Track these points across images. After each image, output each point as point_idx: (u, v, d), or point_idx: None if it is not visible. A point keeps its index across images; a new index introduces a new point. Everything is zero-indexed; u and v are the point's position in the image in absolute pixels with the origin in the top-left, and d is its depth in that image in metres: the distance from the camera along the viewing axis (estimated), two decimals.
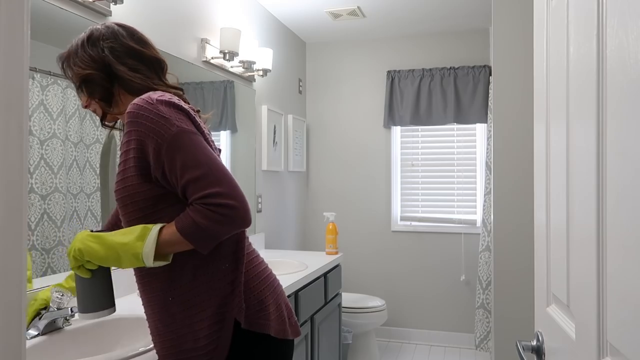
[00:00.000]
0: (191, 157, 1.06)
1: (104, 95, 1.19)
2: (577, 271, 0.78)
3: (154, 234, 1.06)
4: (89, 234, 1.09)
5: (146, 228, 1.08)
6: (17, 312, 0.48)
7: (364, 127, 4.08)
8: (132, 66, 1.19)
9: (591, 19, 0.72)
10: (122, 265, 1.08)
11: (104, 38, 1.18)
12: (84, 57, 1.18)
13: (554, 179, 0.93)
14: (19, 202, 0.48)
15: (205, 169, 1.06)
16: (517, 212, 2.56)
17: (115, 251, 1.06)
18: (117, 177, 1.15)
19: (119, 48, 1.18)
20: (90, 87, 1.19)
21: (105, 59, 1.17)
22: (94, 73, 1.17)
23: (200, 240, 1.06)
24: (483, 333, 3.36)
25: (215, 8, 2.69)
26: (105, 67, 1.17)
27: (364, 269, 4.07)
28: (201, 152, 1.07)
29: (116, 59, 1.17)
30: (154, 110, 1.08)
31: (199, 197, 1.05)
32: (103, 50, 1.17)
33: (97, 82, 1.18)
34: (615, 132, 0.63)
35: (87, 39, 1.19)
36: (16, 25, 0.48)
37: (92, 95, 1.20)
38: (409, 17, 3.57)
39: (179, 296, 1.13)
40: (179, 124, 1.08)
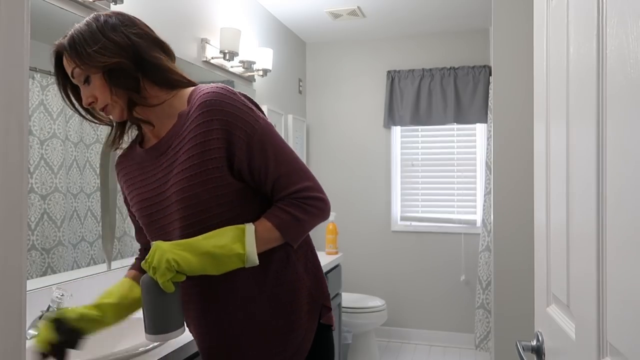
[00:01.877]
0: (281, 152, 1.06)
1: (133, 84, 1.05)
2: (577, 271, 0.78)
3: (252, 231, 1.02)
4: (174, 243, 1.00)
5: (238, 228, 1.02)
6: (17, 312, 0.48)
7: (364, 127, 4.08)
8: (161, 55, 1.10)
9: (591, 19, 0.72)
10: (219, 271, 1.01)
11: (124, 24, 1.06)
12: (108, 44, 1.03)
13: (554, 179, 0.93)
14: (19, 202, 0.48)
15: (294, 164, 1.07)
16: (517, 212, 2.56)
17: (213, 257, 0.99)
18: (187, 173, 1.03)
19: (145, 35, 1.08)
20: (116, 78, 1.04)
21: (134, 46, 1.04)
22: (123, 61, 1.03)
23: (296, 234, 1.07)
24: (483, 333, 3.36)
25: (215, 8, 2.69)
26: (133, 56, 1.05)
27: (364, 269, 4.07)
28: (287, 147, 1.08)
29: (147, 47, 1.07)
30: (238, 100, 1.04)
31: (292, 191, 1.06)
32: (129, 37, 1.05)
33: (125, 71, 1.04)
34: (615, 132, 0.63)
35: (104, 25, 1.04)
36: (16, 25, 0.48)
37: (118, 87, 1.05)
38: (409, 17, 3.57)
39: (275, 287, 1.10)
40: (263, 117, 1.08)
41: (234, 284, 1.09)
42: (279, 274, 1.10)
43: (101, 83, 1.05)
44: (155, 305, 1.01)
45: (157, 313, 1.00)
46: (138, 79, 1.06)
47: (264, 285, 1.09)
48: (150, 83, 1.08)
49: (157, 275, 0.98)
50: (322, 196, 1.08)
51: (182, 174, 1.04)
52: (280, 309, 1.09)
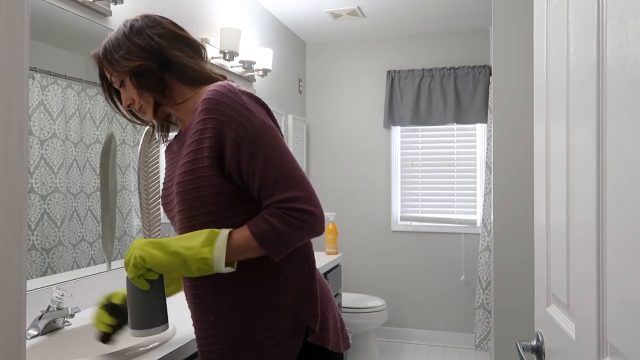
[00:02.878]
0: (272, 155, 1.00)
1: (158, 86, 1.10)
2: (577, 271, 0.78)
3: (224, 237, 0.99)
4: (148, 240, 1.01)
5: (213, 232, 1.00)
6: (17, 312, 0.48)
7: (364, 127, 4.08)
8: (188, 53, 1.12)
9: (591, 19, 0.72)
10: (187, 273, 1.00)
11: (149, 26, 1.10)
12: (132, 48, 1.08)
13: (554, 179, 0.93)
14: (19, 202, 0.48)
15: (286, 169, 1.00)
16: (517, 212, 2.56)
17: (181, 257, 0.98)
18: (182, 169, 1.05)
19: (168, 34, 1.11)
20: (142, 80, 1.09)
21: (157, 46, 1.08)
22: (146, 64, 1.08)
23: (276, 247, 1.00)
24: (483, 333, 3.36)
25: (215, 8, 2.69)
26: (157, 57, 1.08)
27: (364, 269, 4.07)
28: (282, 152, 1.02)
29: (170, 45, 1.09)
30: (237, 100, 1.02)
31: (278, 200, 0.99)
32: (152, 38, 1.09)
33: (151, 73, 1.09)
34: (615, 132, 0.63)
35: (129, 30, 1.10)
36: (16, 25, 0.48)
37: (144, 88, 1.10)
38: (409, 17, 3.57)
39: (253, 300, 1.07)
40: (261, 118, 1.03)
41: (216, 288, 1.08)
42: (263, 286, 1.06)
43: (131, 86, 1.11)
44: (134, 301, 1.03)
45: (135, 309, 1.03)
46: (163, 80, 1.10)
47: (245, 294, 1.06)
48: (176, 81, 1.11)
49: (127, 270, 1.01)
50: (312, 209, 1.00)
51: (180, 169, 1.06)
52: (256, 321, 1.06)
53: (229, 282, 1.07)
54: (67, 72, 1.67)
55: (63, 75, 1.65)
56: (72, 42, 1.70)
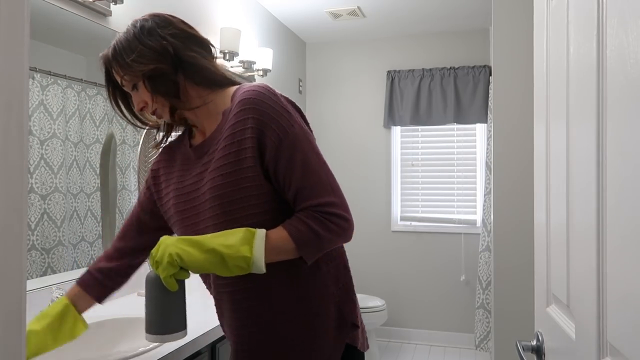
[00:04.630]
0: (310, 160, 1.00)
1: (172, 89, 1.06)
2: (577, 271, 0.78)
3: (262, 236, 0.96)
4: (180, 238, 0.97)
5: (249, 231, 0.97)
6: (17, 312, 0.48)
7: (364, 127, 4.08)
8: (199, 53, 1.08)
9: (591, 19, 0.72)
10: (224, 271, 0.96)
11: (160, 26, 1.06)
12: (144, 50, 1.03)
13: (554, 179, 0.93)
14: (19, 202, 0.48)
15: (322, 175, 1.00)
16: (517, 212, 2.56)
17: (218, 255, 0.94)
18: (221, 171, 1.02)
19: (180, 34, 1.07)
20: (155, 83, 1.05)
21: (170, 47, 1.04)
22: (160, 67, 1.04)
23: (312, 249, 0.99)
24: (483, 333, 3.36)
25: (215, 8, 2.69)
26: (170, 58, 1.04)
27: (364, 269, 4.07)
28: (319, 157, 1.02)
29: (183, 46, 1.05)
30: (277, 102, 1.01)
31: (315, 204, 0.99)
32: (165, 38, 1.04)
33: (165, 76, 1.05)
34: (615, 132, 0.63)
35: (140, 30, 1.05)
36: (16, 25, 0.48)
37: (157, 92, 1.06)
38: (409, 17, 3.57)
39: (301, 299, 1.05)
40: (300, 123, 1.02)
41: (265, 290, 1.05)
42: (305, 289, 1.05)
43: (144, 90, 1.07)
44: (157, 304, 0.97)
45: (158, 313, 0.97)
46: (177, 83, 1.06)
47: (292, 296, 1.05)
48: (191, 83, 1.07)
49: (159, 270, 0.95)
50: (347, 215, 1.00)
51: (217, 171, 1.02)
52: (304, 323, 1.05)
53: (279, 281, 1.05)
54: (67, 72, 1.67)
55: (63, 75, 1.65)
56: (72, 42, 1.70)
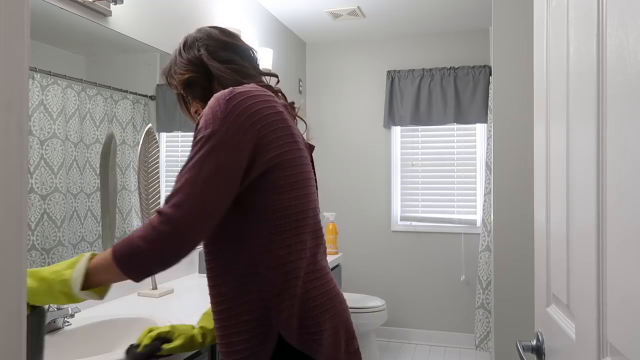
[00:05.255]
0: (193, 164, 0.96)
1: (204, 95, 1.17)
2: (577, 271, 0.78)
3: (86, 258, 0.95)
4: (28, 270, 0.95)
5: (82, 255, 0.97)
6: (17, 312, 0.48)
7: (364, 127, 4.08)
8: (225, 58, 1.17)
9: (591, 19, 0.72)
10: (54, 300, 0.94)
11: (198, 39, 1.19)
12: (182, 62, 1.19)
13: (554, 179, 0.93)
14: (19, 202, 0.48)
15: (188, 179, 0.94)
16: (517, 212, 2.56)
17: (46, 282, 0.94)
18: None
19: (213, 44, 1.19)
20: (191, 90, 1.19)
21: (201, 57, 1.16)
22: (193, 75, 1.17)
23: (131, 265, 0.93)
24: (483, 333, 3.36)
25: (215, 8, 2.69)
26: (203, 67, 1.17)
27: (364, 269, 4.07)
28: (206, 166, 0.95)
29: (210, 54, 1.17)
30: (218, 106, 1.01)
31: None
32: (199, 49, 1.18)
33: (198, 84, 1.18)
34: (615, 132, 0.63)
35: (183, 45, 1.21)
36: (16, 25, 0.48)
37: (195, 98, 1.19)
38: (409, 17, 3.57)
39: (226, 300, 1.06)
40: (222, 131, 0.97)
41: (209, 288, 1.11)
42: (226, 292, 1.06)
43: (189, 97, 1.21)
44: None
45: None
46: (209, 88, 1.17)
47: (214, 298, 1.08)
48: (220, 88, 1.14)
49: None
50: (171, 212, 0.91)
51: None
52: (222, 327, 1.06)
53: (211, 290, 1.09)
54: (67, 72, 1.67)
55: (63, 75, 1.65)
56: (72, 42, 1.70)
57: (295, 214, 1.05)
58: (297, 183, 1.06)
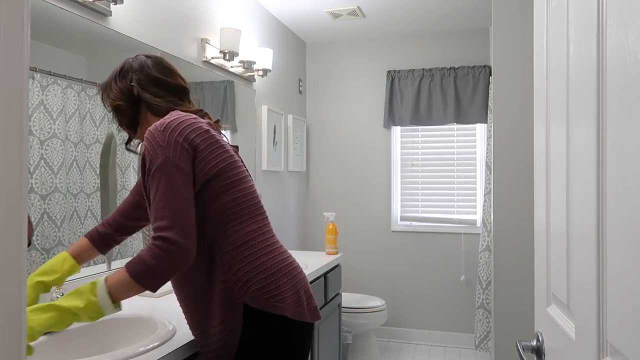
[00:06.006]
0: (161, 187, 1.15)
1: (130, 122, 1.34)
2: (577, 271, 0.78)
3: (102, 284, 1.11)
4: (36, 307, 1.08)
5: (96, 281, 1.12)
6: (17, 312, 0.48)
7: (364, 127, 4.08)
8: (156, 93, 1.32)
9: (591, 19, 0.72)
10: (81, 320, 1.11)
11: (132, 70, 1.33)
12: (115, 89, 1.33)
13: (554, 179, 0.93)
14: (19, 202, 0.48)
15: (165, 201, 1.14)
16: (517, 212, 2.56)
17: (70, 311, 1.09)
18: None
19: (144, 78, 1.32)
20: (119, 116, 1.34)
21: (132, 89, 1.31)
22: (121, 104, 1.32)
23: (147, 279, 1.12)
24: (483, 333, 3.36)
25: (215, 8, 2.69)
26: (131, 97, 1.32)
27: (364, 269, 4.07)
28: (171, 185, 1.15)
29: (142, 88, 1.32)
30: (158, 137, 1.19)
31: (154, 228, 1.15)
32: (131, 80, 1.32)
33: (124, 112, 1.33)
34: (615, 132, 0.63)
35: (119, 71, 1.35)
36: (16, 25, 0.48)
37: (121, 124, 1.36)
38: (409, 17, 3.57)
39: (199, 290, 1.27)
40: (170, 155, 1.17)
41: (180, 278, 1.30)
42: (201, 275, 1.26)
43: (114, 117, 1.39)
44: None
45: None
46: (135, 117, 1.34)
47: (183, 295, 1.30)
48: (151, 114, 1.34)
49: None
50: (175, 238, 1.12)
51: None
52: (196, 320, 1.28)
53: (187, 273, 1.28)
54: (67, 72, 1.67)
55: (63, 75, 1.65)
56: (72, 42, 1.70)
57: (239, 205, 1.27)
58: (235, 182, 1.28)
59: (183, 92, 1.38)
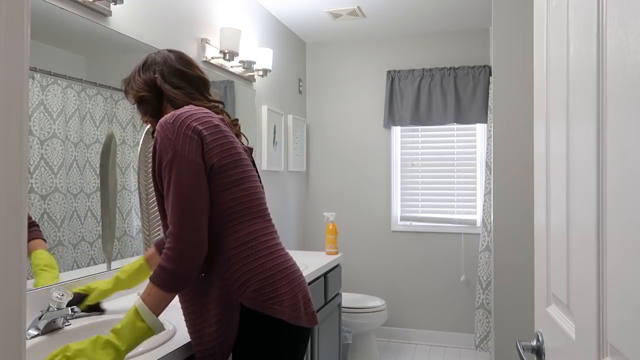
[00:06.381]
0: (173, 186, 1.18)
1: (153, 112, 1.40)
2: (577, 271, 0.78)
3: (141, 305, 1.14)
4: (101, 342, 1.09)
5: (133, 308, 1.15)
6: (17, 312, 0.48)
7: (364, 127, 4.08)
8: (176, 84, 1.37)
9: (591, 19, 0.72)
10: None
11: (156, 62, 1.39)
12: (139, 81, 1.38)
13: (554, 178, 0.93)
14: (19, 202, 0.48)
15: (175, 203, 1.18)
16: (517, 212, 2.56)
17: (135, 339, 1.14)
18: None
19: (167, 70, 1.38)
20: (143, 106, 1.40)
21: (155, 80, 1.36)
22: (146, 94, 1.37)
23: (172, 283, 1.16)
24: (483, 333, 3.36)
25: (215, 8, 2.69)
26: (155, 88, 1.37)
27: (364, 269, 4.07)
28: (179, 183, 1.18)
29: (163, 79, 1.37)
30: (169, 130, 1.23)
31: (166, 234, 1.21)
32: (154, 72, 1.37)
33: (149, 102, 1.38)
34: (615, 132, 0.63)
35: (142, 65, 1.40)
36: (16, 25, 0.48)
37: (145, 113, 1.41)
38: (409, 16, 3.57)
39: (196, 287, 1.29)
40: (176, 147, 1.20)
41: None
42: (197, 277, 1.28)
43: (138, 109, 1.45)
44: None
45: None
46: (158, 107, 1.38)
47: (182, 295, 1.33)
48: (170, 106, 1.38)
49: None
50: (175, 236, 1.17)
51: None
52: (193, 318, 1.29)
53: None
54: (67, 72, 1.67)
55: (63, 75, 1.65)
56: (72, 42, 1.70)
57: (242, 204, 1.27)
58: (240, 180, 1.28)
59: (203, 83, 1.42)
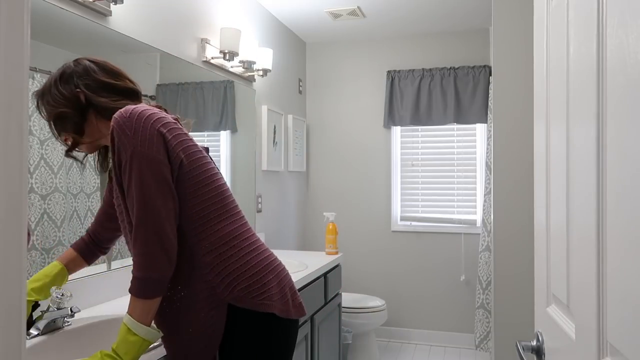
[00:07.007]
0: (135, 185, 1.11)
1: (76, 128, 1.26)
2: (577, 271, 0.78)
3: (129, 319, 1.11)
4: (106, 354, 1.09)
5: (123, 325, 1.11)
6: (17, 312, 0.48)
7: (364, 127, 4.08)
8: (110, 97, 1.26)
9: (591, 19, 0.72)
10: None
11: (76, 75, 1.25)
12: (56, 95, 1.24)
13: (554, 179, 0.93)
14: (19, 202, 0.48)
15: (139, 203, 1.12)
16: (517, 212, 2.56)
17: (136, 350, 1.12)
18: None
19: (92, 84, 1.26)
20: (61, 123, 1.26)
21: (78, 95, 1.23)
22: (65, 110, 1.23)
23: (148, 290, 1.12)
24: (483, 333, 3.36)
25: (215, 8, 2.69)
26: (77, 103, 1.23)
27: (364, 269, 4.07)
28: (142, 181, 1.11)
29: (93, 93, 1.25)
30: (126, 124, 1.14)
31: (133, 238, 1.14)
32: (77, 86, 1.24)
33: (69, 119, 1.24)
34: (615, 132, 0.63)
35: (59, 77, 1.25)
36: (16, 25, 0.48)
37: (64, 131, 1.26)
38: (409, 17, 3.57)
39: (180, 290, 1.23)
40: (134, 144, 1.12)
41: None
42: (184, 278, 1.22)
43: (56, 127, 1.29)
44: None
45: None
46: (80, 123, 1.25)
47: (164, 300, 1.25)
48: (101, 118, 1.27)
49: None
50: (139, 242, 1.11)
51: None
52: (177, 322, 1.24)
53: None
54: None
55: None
56: (72, 42, 1.70)
57: (215, 204, 1.23)
58: (209, 179, 1.23)
59: (135, 95, 1.31)
